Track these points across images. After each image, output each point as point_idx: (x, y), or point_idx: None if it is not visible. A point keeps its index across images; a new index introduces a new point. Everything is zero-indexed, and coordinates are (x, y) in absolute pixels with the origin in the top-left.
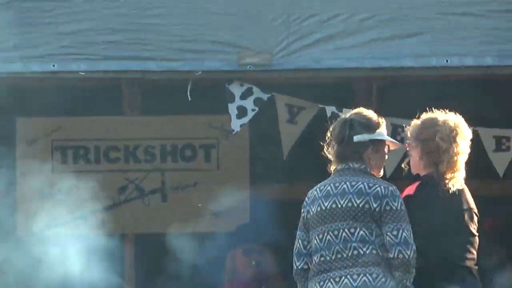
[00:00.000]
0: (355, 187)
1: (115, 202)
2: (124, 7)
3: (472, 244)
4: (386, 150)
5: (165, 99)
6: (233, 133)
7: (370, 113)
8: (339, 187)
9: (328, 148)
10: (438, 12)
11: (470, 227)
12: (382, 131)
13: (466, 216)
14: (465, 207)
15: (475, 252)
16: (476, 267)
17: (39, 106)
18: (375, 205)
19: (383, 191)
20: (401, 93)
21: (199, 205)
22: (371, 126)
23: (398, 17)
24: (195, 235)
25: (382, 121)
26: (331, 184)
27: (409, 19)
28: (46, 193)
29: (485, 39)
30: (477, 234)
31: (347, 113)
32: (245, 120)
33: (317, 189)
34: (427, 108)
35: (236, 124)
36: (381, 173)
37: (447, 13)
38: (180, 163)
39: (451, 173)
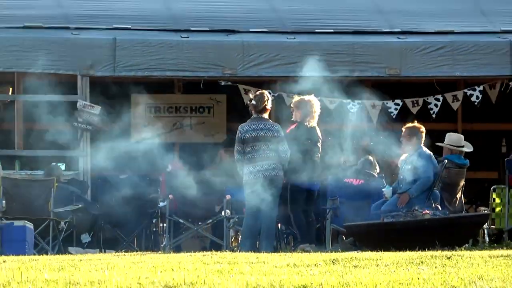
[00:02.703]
0: (264, 125)
1: (171, 129)
2: (173, 47)
3: (317, 159)
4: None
5: (192, 87)
6: (218, 103)
7: (266, 93)
8: (258, 126)
9: (249, 105)
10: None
11: (320, 147)
12: (270, 101)
13: (318, 142)
14: (316, 137)
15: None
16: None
17: (140, 89)
18: (275, 134)
19: (275, 127)
20: (293, 86)
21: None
22: (268, 99)
23: (291, 55)
24: (204, 144)
25: (269, 97)
26: (253, 125)
27: (290, 58)
28: (143, 123)
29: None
30: (319, 153)
31: (260, 91)
32: (224, 98)
33: (246, 126)
34: (306, 94)
35: (219, 99)
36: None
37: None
38: (197, 114)
39: (311, 118)
